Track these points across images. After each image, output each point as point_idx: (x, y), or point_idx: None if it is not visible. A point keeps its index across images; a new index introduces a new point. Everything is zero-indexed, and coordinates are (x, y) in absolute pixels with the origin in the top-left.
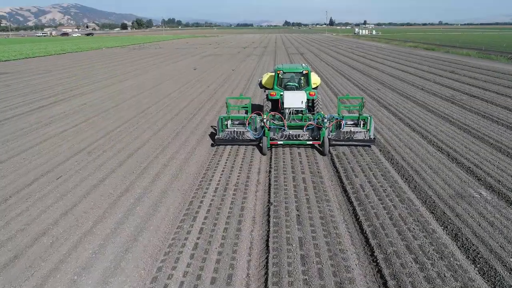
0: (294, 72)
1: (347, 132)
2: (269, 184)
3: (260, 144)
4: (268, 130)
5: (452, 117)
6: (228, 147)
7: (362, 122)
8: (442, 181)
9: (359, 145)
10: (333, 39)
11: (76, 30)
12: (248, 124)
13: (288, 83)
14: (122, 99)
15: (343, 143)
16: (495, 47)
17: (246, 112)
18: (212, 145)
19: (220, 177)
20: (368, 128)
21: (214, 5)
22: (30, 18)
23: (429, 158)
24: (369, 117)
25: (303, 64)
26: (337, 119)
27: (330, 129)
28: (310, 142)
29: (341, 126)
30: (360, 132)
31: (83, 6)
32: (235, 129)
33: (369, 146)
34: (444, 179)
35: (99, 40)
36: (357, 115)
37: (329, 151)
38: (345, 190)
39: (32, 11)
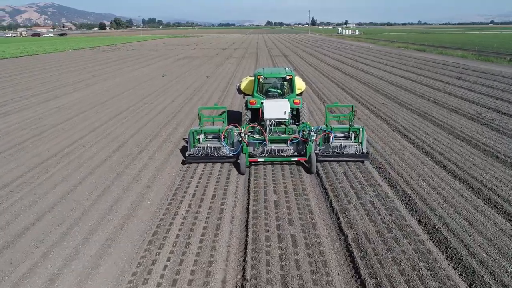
0: (276, 77)
1: (337, 146)
2: None
3: (238, 161)
4: (247, 145)
5: (497, 150)
6: (185, 204)
7: (353, 135)
8: None
9: (351, 161)
10: (317, 39)
11: (51, 30)
12: (224, 138)
13: (270, 89)
14: (54, 123)
15: (333, 159)
16: (487, 47)
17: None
18: (183, 162)
19: None
20: (360, 141)
21: (196, 5)
22: (5, 18)
23: (509, 248)
24: (361, 129)
25: (287, 68)
26: (325, 131)
27: (317, 143)
28: (295, 159)
29: (329, 139)
30: (352, 146)
31: (61, 6)
32: (208, 145)
33: (362, 162)
34: None
35: (70, 40)
36: (347, 126)
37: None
38: None
39: (7, 11)
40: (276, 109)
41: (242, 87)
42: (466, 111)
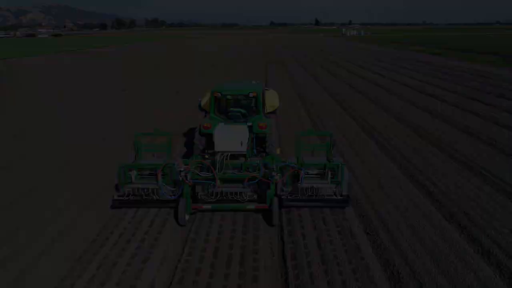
0: (238, 94)
1: (308, 188)
2: None
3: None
4: (190, 186)
5: None
6: None
7: (329, 173)
8: None
9: (327, 207)
10: (320, 41)
11: (51, 30)
12: (163, 176)
13: (232, 109)
14: None
15: (302, 204)
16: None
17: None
18: (112, 207)
19: None
20: (339, 180)
21: (199, 5)
22: (10, 18)
23: None
24: (340, 165)
25: (254, 81)
26: (293, 167)
27: (284, 182)
28: (252, 207)
29: (299, 178)
30: (328, 187)
31: (65, 6)
32: (139, 186)
33: (342, 208)
34: None
35: (60, 42)
36: (323, 161)
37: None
38: None
39: (12, 11)
40: (229, 139)
41: (203, 103)
42: None
